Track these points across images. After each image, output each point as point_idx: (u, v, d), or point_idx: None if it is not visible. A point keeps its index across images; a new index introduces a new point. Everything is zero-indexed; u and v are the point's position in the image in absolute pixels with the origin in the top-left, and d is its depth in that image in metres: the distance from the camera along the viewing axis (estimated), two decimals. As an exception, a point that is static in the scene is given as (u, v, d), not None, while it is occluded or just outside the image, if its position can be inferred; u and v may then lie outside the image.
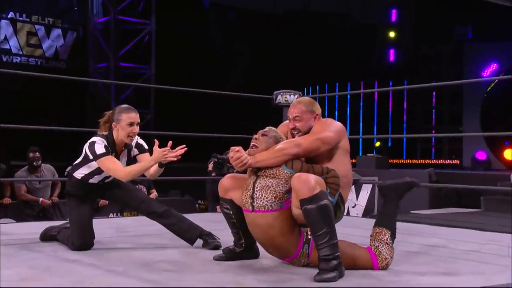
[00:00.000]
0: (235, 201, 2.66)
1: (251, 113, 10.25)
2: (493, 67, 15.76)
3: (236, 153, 2.50)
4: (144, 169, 2.96)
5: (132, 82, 11.65)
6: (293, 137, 2.72)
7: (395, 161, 15.28)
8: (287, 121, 2.82)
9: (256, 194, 2.49)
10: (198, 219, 3.30)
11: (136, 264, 2.59)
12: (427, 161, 16.07)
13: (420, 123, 17.38)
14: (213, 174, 3.27)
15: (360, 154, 12.89)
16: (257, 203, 2.49)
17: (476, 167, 14.33)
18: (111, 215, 6.27)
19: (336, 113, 16.75)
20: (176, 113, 11.89)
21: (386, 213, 2.67)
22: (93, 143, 2.98)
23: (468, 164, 15.26)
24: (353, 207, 5.84)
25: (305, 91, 15.54)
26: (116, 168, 2.94)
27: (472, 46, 16.51)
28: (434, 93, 17.38)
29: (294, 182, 2.39)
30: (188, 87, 5.25)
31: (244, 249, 2.73)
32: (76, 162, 3.10)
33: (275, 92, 4.81)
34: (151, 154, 2.98)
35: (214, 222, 3.44)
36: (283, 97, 4.75)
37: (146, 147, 3.13)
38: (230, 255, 2.73)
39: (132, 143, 3.10)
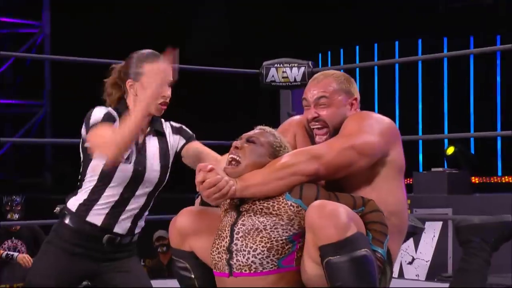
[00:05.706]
0: (198, 254, 1.66)
1: (232, 102, 6.09)
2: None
3: (207, 174, 1.52)
4: (137, 120, 1.58)
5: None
6: (311, 140, 1.69)
7: (483, 179, 8.00)
8: (295, 117, 1.82)
9: (237, 244, 1.55)
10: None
11: None
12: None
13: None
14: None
15: (421, 170, 7.56)
16: (238, 259, 1.55)
17: None
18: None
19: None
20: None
21: (465, 272, 1.87)
22: (91, 111, 1.70)
23: None
24: (410, 263, 3.79)
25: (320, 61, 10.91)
26: (104, 138, 1.58)
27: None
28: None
29: (312, 215, 1.49)
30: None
31: None
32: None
33: (264, 64, 2.80)
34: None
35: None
36: (280, 71, 2.81)
37: (191, 132, 1.81)
38: None
39: (164, 126, 1.76)
